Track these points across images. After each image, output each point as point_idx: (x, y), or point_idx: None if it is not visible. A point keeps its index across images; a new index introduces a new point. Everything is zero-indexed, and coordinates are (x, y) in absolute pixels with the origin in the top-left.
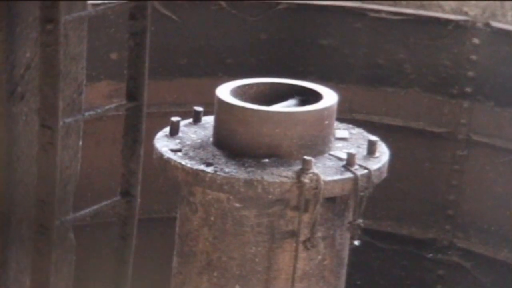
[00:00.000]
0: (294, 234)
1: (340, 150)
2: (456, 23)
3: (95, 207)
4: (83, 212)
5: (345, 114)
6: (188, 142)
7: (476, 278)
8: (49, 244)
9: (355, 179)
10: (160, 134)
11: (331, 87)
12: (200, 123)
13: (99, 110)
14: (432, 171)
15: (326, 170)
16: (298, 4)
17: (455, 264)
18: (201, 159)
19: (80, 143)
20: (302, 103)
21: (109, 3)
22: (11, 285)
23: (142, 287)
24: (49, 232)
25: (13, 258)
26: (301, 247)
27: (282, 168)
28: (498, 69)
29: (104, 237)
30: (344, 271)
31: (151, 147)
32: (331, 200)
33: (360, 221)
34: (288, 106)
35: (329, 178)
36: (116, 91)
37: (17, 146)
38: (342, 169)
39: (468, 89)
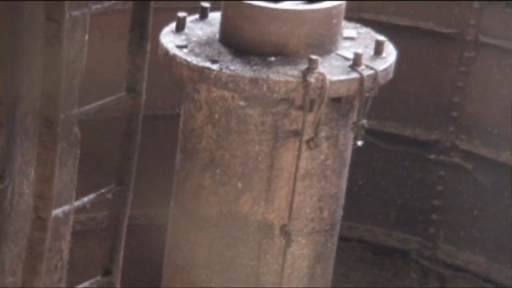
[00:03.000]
0: (297, 133)
1: (347, 50)
2: None
3: (100, 102)
4: (88, 107)
5: (353, 13)
6: (194, 39)
7: (476, 180)
8: (54, 137)
9: (361, 79)
10: (166, 29)
11: None
12: (207, 20)
13: (106, 4)
14: (439, 73)
15: (332, 70)
16: None
17: (456, 166)
18: (206, 56)
19: (86, 37)
20: (310, 1)
21: None
22: (16, 176)
23: (146, 183)
24: (54, 125)
25: (18, 150)
26: (304, 146)
27: (288, 67)
28: None
29: (109, 132)
30: (346, 171)
31: (156, 43)
32: (336, 100)
33: (364, 121)
34: (296, 4)
35: (335, 78)
36: None
37: (22, 38)
38: (349, 69)
39: None
